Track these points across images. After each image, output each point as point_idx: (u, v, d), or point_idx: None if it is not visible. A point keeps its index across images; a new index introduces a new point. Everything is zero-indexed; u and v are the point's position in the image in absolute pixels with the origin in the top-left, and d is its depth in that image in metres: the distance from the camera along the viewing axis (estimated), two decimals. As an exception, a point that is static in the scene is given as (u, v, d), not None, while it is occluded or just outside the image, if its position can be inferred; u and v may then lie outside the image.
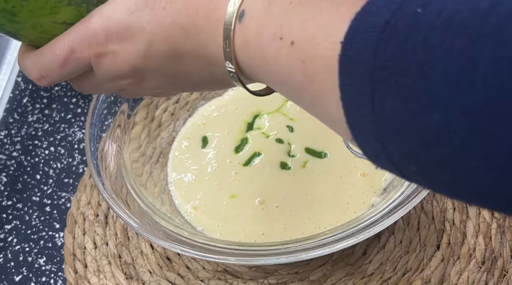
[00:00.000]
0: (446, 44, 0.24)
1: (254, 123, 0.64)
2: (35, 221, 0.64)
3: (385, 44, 0.26)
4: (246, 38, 0.34)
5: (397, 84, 0.26)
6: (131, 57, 0.38)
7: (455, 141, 0.25)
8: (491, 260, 0.55)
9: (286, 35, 0.32)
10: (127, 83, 0.40)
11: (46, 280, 0.60)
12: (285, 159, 0.61)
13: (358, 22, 0.28)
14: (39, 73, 0.39)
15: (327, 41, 0.29)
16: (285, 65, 0.32)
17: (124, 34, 0.37)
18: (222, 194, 0.60)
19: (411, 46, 0.26)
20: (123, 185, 0.55)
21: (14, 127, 0.72)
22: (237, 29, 0.34)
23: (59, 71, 0.39)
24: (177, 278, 0.57)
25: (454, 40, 0.24)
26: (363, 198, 0.57)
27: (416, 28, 0.26)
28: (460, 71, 0.24)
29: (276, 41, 0.32)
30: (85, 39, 0.38)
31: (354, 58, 0.28)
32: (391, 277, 0.55)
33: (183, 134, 0.65)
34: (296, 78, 0.32)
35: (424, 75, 0.25)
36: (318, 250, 0.48)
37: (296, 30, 0.31)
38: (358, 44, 0.28)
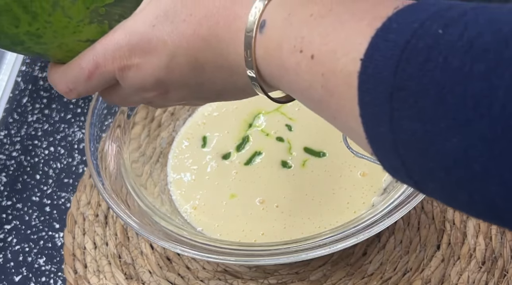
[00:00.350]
0: (466, 68, 0.24)
1: (254, 122, 0.64)
2: (35, 221, 0.64)
3: (405, 64, 0.26)
4: (267, 48, 0.34)
5: (416, 105, 0.26)
6: (154, 69, 0.38)
7: (474, 166, 0.25)
8: (492, 260, 0.55)
9: (306, 48, 0.32)
10: (153, 95, 0.41)
11: (46, 280, 0.60)
12: (286, 157, 0.61)
13: (378, 39, 0.28)
14: (67, 86, 0.41)
15: (348, 56, 0.29)
16: (305, 77, 0.32)
17: (147, 47, 0.38)
18: (222, 194, 0.60)
19: (431, 67, 0.25)
20: (123, 185, 0.55)
21: (14, 127, 0.72)
22: (258, 39, 0.34)
23: (85, 85, 0.40)
24: (177, 278, 0.57)
25: (474, 64, 0.24)
26: (363, 198, 0.57)
27: (437, 50, 0.25)
28: (479, 96, 0.24)
29: (297, 53, 0.32)
30: (109, 53, 0.39)
31: (373, 76, 0.28)
32: (391, 277, 0.55)
33: (183, 134, 0.65)
34: (316, 91, 0.32)
35: (443, 98, 0.25)
36: (318, 250, 0.48)
37: (316, 43, 0.31)
38: (378, 62, 0.28)
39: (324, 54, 0.31)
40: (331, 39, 0.31)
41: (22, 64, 0.77)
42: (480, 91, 0.24)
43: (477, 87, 0.24)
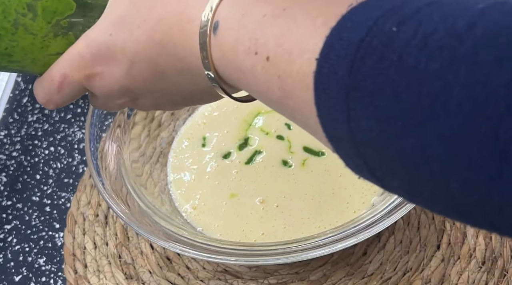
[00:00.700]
0: (421, 66, 0.24)
1: (254, 121, 0.64)
2: (35, 221, 0.64)
3: (360, 63, 0.26)
4: (222, 50, 0.34)
5: (372, 105, 0.26)
6: (116, 77, 0.39)
7: (432, 165, 0.24)
8: (491, 260, 0.55)
9: (261, 50, 0.31)
10: (124, 102, 0.41)
11: (46, 280, 0.60)
12: (286, 157, 0.61)
13: (333, 39, 0.28)
14: (44, 98, 0.42)
15: (303, 57, 0.29)
16: (262, 79, 0.32)
17: (107, 55, 0.38)
18: (222, 194, 0.60)
19: (385, 66, 0.25)
20: (123, 185, 0.55)
21: (14, 127, 0.72)
22: (213, 41, 0.34)
23: (58, 96, 0.41)
24: (177, 278, 0.57)
25: (429, 62, 0.24)
26: (362, 198, 0.57)
27: (391, 48, 0.25)
28: (434, 95, 0.24)
29: (252, 55, 0.32)
30: (74, 64, 0.40)
31: (329, 76, 0.27)
32: (391, 277, 0.55)
33: (183, 133, 0.65)
34: (274, 92, 0.32)
35: (398, 97, 0.25)
36: (318, 250, 0.48)
37: (271, 45, 0.31)
38: (333, 61, 0.27)
39: (279, 55, 0.31)
40: (285, 40, 0.30)
41: (22, 64, 0.77)
42: (435, 90, 0.23)
43: (432, 85, 0.24)
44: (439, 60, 0.24)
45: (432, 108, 0.24)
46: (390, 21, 0.26)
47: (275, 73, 0.31)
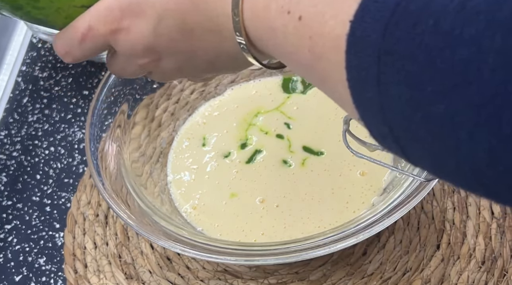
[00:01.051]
0: (457, 31, 0.23)
1: (254, 121, 0.64)
2: (35, 221, 0.64)
3: (394, 27, 0.26)
4: (255, 8, 0.33)
5: (404, 69, 0.25)
6: (143, 33, 0.38)
7: (460, 133, 0.24)
8: (491, 260, 0.55)
9: (294, 9, 0.31)
10: (146, 63, 0.41)
11: (46, 280, 0.60)
12: (286, 156, 0.61)
13: (368, 1, 0.27)
14: (63, 49, 0.41)
15: (336, 19, 0.29)
16: (292, 40, 0.32)
17: (136, 10, 0.38)
18: (222, 193, 0.60)
19: (420, 31, 0.25)
20: (123, 185, 0.55)
21: (14, 127, 0.72)
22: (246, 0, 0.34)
23: (79, 47, 0.41)
24: (177, 278, 0.57)
25: (465, 27, 0.23)
26: (362, 198, 0.57)
27: (428, 12, 0.25)
28: (467, 61, 0.23)
29: (284, 14, 0.31)
30: (101, 16, 0.39)
31: (362, 39, 0.27)
32: (391, 277, 0.55)
33: (183, 133, 0.65)
34: (303, 54, 0.31)
35: (431, 62, 0.24)
36: (318, 250, 0.48)
37: (304, 4, 0.31)
38: (367, 24, 0.27)
39: (312, 16, 0.30)
40: (319, 1, 0.30)
41: (22, 64, 0.77)
42: (469, 56, 0.23)
43: (466, 51, 0.23)
44: (475, 25, 0.23)
45: (464, 74, 0.23)
46: None
47: (307, 34, 0.30)
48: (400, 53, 0.25)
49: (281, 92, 0.66)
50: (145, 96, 0.64)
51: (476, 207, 0.58)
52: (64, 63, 0.77)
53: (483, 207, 0.57)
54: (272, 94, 0.66)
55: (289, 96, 0.66)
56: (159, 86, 0.65)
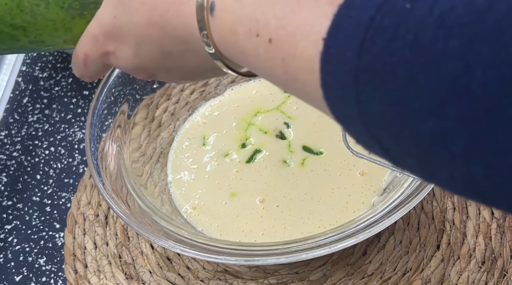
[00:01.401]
0: (439, 45, 0.23)
1: (253, 120, 0.64)
2: (35, 221, 0.64)
3: (370, 43, 0.25)
4: (222, 32, 0.33)
5: (384, 87, 0.24)
6: (128, 57, 0.40)
7: (453, 148, 0.23)
8: (491, 260, 0.55)
9: (262, 32, 0.30)
10: (143, 77, 0.43)
11: (46, 280, 0.60)
12: (286, 156, 0.61)
13: (341, 17, 0.26)
14: (77, 72, 0.44)
15: (308, 39, 0.28)
16: (265, 62, 0.31)
17: (116, 36, 0.39)
18: (222, 193, 0.60)
19: (399, 46, 0.24)
20: (123, 185, 0.55)
21: (14, 127, 0.72)
22: (211, 23, 0.33)
23: (86, 71, 0.43)
24: (177, 278, 0.57)
25: (448, 41, 0.22)
26: (362, 198, 0.57)
27: (405, 26, 0.24)
28: (455, 76, 0.22)
29: (253, 38, 0.31)
30: (91, 43, 0.41)
31: (336, 57, 0.26)
32: (391, 277, 0.55)
33: (183, 133, 0.65)
34: (278, 75, 0.30)
35: (414, 79, 0.23)
36: (318, 250, 0.48)
37: (272, 26, 0.30)
38: (341, 41, 0.26)
39: (282, 38, 0.29)
40: (288, 21, 0.29)
41: (22, 64, 0.77)
42: (456, 70, 0.22)
43: (452, 65, 0.22)
44: (458, 38, 0.22)
45: (452, 89, 0.22)
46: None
47: (279, 56, 0.30)
48: (379, 70, 0.24)
49: (282, 91, 0.66)
50: (145, 96, 0.64)
51: (476, 207, 0.58)
52: (64, 63, 0.77)
53: (483, 207, 0.57)
54: (273, 94, 0.66)
55: (290, 95, 0.66)
56: (159, 86, 0.65)
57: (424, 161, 0.25)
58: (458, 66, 0.22)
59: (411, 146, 0.25)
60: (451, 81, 0.22)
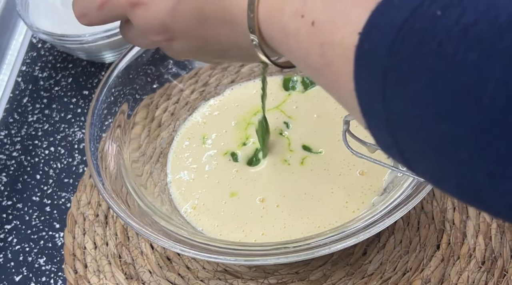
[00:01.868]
0: (459, 56, 0.24)
1: (253, 120, 0.64)
2: (35, 221, 0.64)
3: (400, 44, 0.26)
4: (270, 9, 0.34)
5: (408, 87, 0.26)
6: (161, 11, 0.39)
7: (461, 154, 0.25)
8: (491, 260, 0.55)
9: (307, 13, 0.31)
10: (159, 40, 0.42)
11: (46, 280, 0.60)
12: (286, 155, 0.61)
13: (378, 15, 0.28)
14: (81, 11, 0.42)
15: (346, 29, 0.29)
16: (304, 44, 0.32)
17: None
18: (222, 193, 0.60)
19: (425, 51, 0.25)
20: (123, 185, 0.55)
21: (14, 127, 0.72)
22: None
23: (95, 13, 0.41)
24: (177, 278, 0.57)
25: (468, 53, 0.24)
26: (362, 198, 0.57)
27: (432, 33, 0.25)
28: (469, 87, 0.24)
29: (298, 18, 0.32)
30: None
31: (369, 52, 0.28)
32: (391, 277, 0.55)
33: (183, 133, 0.65)
34: (314, 59, 0.32)
35: (434, 84, 0.25)
36: (318, 250, 0.48)
37: (317, 10, 0.31)
38: (375, 38, 0.27)
39: (323, 23, 0.31)
40: (332, 7, 0.30)
41: (22, 64, 0.77)
42: (470, 82, 0.24)
43: (467, 77, 0.24)
44: (477, 52, 0.24)
45: (465, 99, 0.24)
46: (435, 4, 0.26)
47: (318, 40, 0.31)
48: (404, 71, 0.26)
49: (282, 91, 0.66)
50: (145, 96, 0.64)
51: (476, 207, 0.57)
52: (64, 63, 0.77)
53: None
54: (273, 94, 0.66)
55: (290, 94, 0.66)
56: (159, 86, 0.65)
57: (436, 166, 0.27)
58: (472, 78, 0.24)
59: (425, 147, 0.26)
60: (465, 91, 0.24)
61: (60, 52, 0.78)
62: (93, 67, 0.76)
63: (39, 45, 0.79)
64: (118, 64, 0.61)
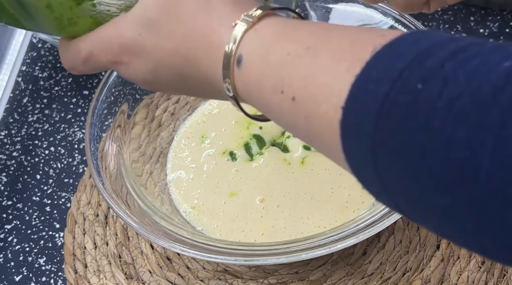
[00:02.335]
0: (448, 131, 0.24)
1: (254, 120, 0.64)
2: (35, 221, 0.64)
3: (386, 119, 0.26)
4: (247, 83, 0.34)
5: (400, 162, 0.26)
6: (141, 72, 0.40)
7: (465, 225, 0.25)
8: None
9: (287, 89, 0.31)
10: (146, 88, 0.43)
11: (46, 280, 0.60)
12: (286, 155, 0.61)
13: (358, 89, 0.28)
14: (68, 65, 0.43)
15: (328, 102, 0.29)
16: (288, 117, 0.32)
17: (134, 51, 0.39)
18: (222, 193, 0.60)
19: (412, 126, 0.25)
20: (123, 185, 0.56)
21: (14, 127, 0.72)
22: (236, 74, 0.34)
23: (82, 67, 0.42)
24: (177, 278, 0.57)
25: (456, 128, 0.24)
26: (362, 197, 0.57)
27: (417, 108, 0.25)
28: (463, 163, 0.23)
29: (278, 94, 0.32)
30: (102, 46, 0.41)
31: (355, 126, 0.27)
32: (391, 277, 0.55)
33: (182, 133, 0.65)
34: (301, 130, 0.32)
35: (427, 160, 0.25)
36: (318, 250, 0.48)
37: (296, 85, 0.31)
38: (359, 112, 0.27)
39: (304, 97, 0.31)
40: (310, 82, 0.30)
41: (22, 64, 0.77)
42: (463, 158, 0.23)
43: (460, 153, 0.23)
44: (465, 127, 0.23)
45: (461, 175, 0.24)
46: (414, 75, 0.25)
47: (302, 114, 0.31)
48: (393, 146, 0.26)
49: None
50: (145, 96, 0.64)
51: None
52: (64, 63, 0.77)
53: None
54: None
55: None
56: (159, 86, 0.65)
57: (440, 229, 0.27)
58: (466, 154, 0.23)
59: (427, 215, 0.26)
60: (460, 167, 0.24)
61: (60, 52, 0.78)
62: (93, 67, 0.76)
63: (39, 45, 0.79)
64: (118, 64, 0.60)
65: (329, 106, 0.29)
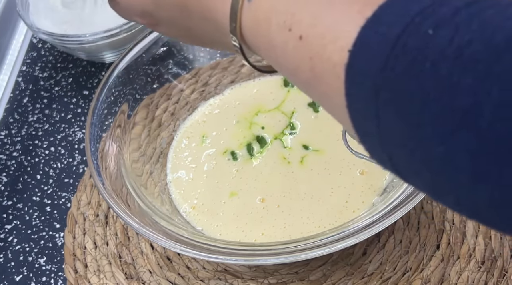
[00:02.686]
0: (454, 78, 0.23)
1: (254, 120, 0.64)
2: (35, 221, 0.64)
3: (394, 62, 0.25)
4: (256, 19, 0.33)
5: (402, 108, 0.25)
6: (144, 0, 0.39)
7: (460, 177, 0.24)
8: (491, 260, 0.55)
9: (295, 27, 0.30)
10: (144, 23, 0.41)
11: (46, 280, 0.60)
12: (286, 155, 0.61)
13: (368, 31, 0.27)
14: None
15: (335, 44, 0.28)
16: (292, 58, 0.31)
17: None
18: (222, 193, 0.60)
19: (418, 71, 0.24)
20: (123, 185, 0.56)
21: (14, 127, 0.72)
22: (246, 7, 0.33)
23: None
24: (177, 278, 0.57)
25: (462, 75, 0.23)
26: (362, 197, 0.57)
27: (425, 53, 0.24)
28: (466, 110, 0.23)
29: (285, 31, 0.31)
30: None
31: (360, 71, 0.27)
32: (391, 277, 0.55)
33: (183, 133, 0.65)
34: (304, 73, 0.31)
35: (429, 106, 0.24)
36: (318, 250, 0.48)
37: (305, 23, 0.30)
38: (367, 57, 0.26)
39: (312, 37, 0.30)
40: (320, 21, 0.29)
41: (22, 64, 0.78)
42: (466, 106, 0.23)
43: (464, 100, 0.23)
44: (472, 75, 0.23)
45: (462, 122, 0.23)
46: (427, 21, 0.25)
47: (307, 54, 0.30)
48: (398, 91, 0.25)
49: (282, 89, 0.66)
50: (145, 96, 0.64)
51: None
52: (64, 63, 0.77)
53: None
54: (273, 93, 0.66)
55: (289, 91, 0.66)
56: (159, 86, 0.65)
57: (433, 184, 0.26)
58: (469, 101, 0.23)
59: (421, 167, 0.26)
60: (461, 115, 0.23)
61: (60, 52, 0.78)
62: (93, 67, 0.76)
63: (39, 45, 0.79)
64: (118, 64, 0.61)
65: (335, 48, 0.28)
